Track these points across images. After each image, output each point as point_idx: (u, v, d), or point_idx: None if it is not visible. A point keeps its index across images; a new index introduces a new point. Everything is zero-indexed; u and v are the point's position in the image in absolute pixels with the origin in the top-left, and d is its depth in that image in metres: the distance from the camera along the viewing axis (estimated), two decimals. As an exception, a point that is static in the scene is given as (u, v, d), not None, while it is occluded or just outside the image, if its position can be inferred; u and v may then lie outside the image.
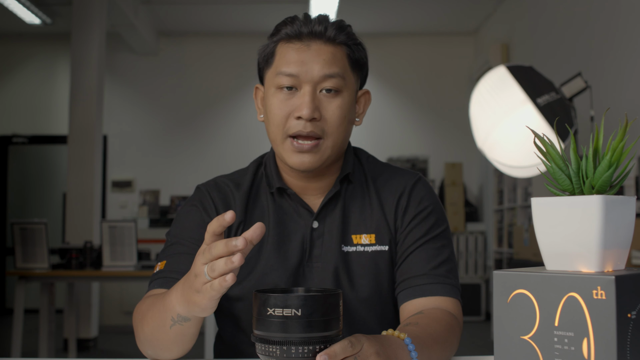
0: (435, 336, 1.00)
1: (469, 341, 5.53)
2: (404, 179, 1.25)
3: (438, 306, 1.13)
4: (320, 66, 1.13)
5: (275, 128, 1.16)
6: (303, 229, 1.20)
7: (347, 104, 1.17)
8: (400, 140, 7.44)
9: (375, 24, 7.24)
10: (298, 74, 1.13)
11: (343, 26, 1.18)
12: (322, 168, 1.19)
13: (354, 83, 1.19)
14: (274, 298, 0.75)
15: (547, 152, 0.83)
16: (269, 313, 0.75)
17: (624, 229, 0.79)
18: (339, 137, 1.16)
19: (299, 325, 0.75)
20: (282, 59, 1.15)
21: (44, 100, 7.50)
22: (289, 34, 1.16)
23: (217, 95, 7.47)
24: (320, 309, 0.76)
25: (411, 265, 1.17)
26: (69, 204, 5.45)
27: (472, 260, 6.71)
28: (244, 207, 1.22)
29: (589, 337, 0.72)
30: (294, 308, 0.75)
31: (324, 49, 1.15)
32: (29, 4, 6.12)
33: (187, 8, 6.83)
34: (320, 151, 1.15)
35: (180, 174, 7.29)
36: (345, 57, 1.17)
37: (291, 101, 1.14)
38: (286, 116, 1.15)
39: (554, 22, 5.14)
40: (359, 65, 1.20)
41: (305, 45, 1.15)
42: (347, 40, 1.18)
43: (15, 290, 4.19)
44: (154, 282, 1.16)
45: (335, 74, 1.14)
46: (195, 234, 1.19)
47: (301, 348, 0.76)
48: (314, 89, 1.14)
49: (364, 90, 1.26)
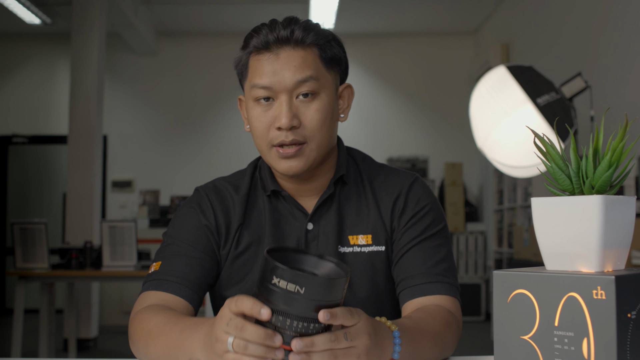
0: (425, 331, 1.00)
1: (469, 341, 5.53)
2: (401, 180, 1.25)
3: (436, 304, 1.13)
4: (291, 73, 1.13)
5: (259, 140, 1.17)
6: (298, 231, 1.21)
7: (326, 105, 1.16)
8: (400, 140, 7.43)
9: (375, 24, 7.23)
10: (271, 85, 1.13)
11: (310, 26, 1.17)
12: (311, 170, 1.19)
13: (331, 81, 1.18)
14: (282, 270, 0.75)
15: (547, 152, 0.83)
16: (274, 282, 0.75)
17: (624, 229, 0.79)
18: (322, 138, 1.16)
19: (300, 303, 0.75)
20: (254, 72, 1.15)
21: (43, 100, 7.50)
22: (257, 45, 1.15)
23: (217, 95, 7.47)
24: (324, 292, 0.76)
25: (408, 263, 1.17)
26: (69, 204, 5.45)
27: (472, 260, 6.71)
28: (243, 210, 1.23)
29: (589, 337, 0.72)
30: (299, 285, 0.74)
31: (293, 55, 1.14)
32: (29, 4, 6.12)
33: (187, 8, 6.83)
34: (305, 155, 1.15)
35: (180, 174, 7.29)
36: (318, 57, 1.16)
37: (269, 112, 1.14)
38: (267, 127, 1.15)
39: (554, 22, 5.14)
40: (334, 62, 1.19)
41: (274, 54, 1.14)
42: (317, 40, 1.16)
43: (15, 290, 4.19)
44: (148, 283, 1.16)
45: (308, 77, 1.13)
46: (192, 236, 1.19)
47: (296, 322, 0.76)
48: (289, 97, 1.13)
49: (345, 85, 1.24)
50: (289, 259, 0.82)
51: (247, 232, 1.21)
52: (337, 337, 0.79)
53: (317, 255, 0.84)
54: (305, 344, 0.77)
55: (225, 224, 1.22)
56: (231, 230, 1.21)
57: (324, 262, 0.83)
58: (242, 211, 1.22)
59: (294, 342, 0.76)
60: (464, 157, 7.28)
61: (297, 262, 0.83)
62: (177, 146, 7.42)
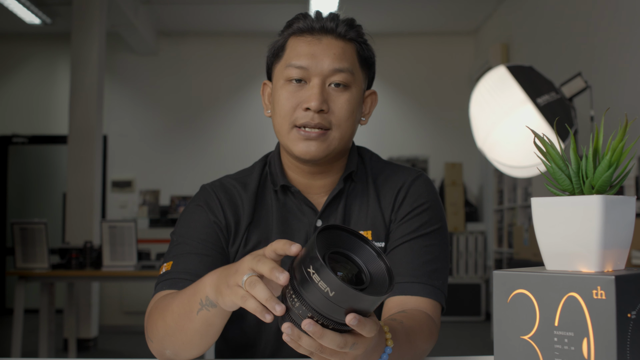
0: (412, 344, 0.99)
1: (469, 341, 5.53)
2: (404, 175, 1.25)
3: (418, 307, 1.11)
4: (330, 60, 1.14)
5: (282, 119, 1.16)
6: (306, 227, 1.20)
7: (355, 100, 1.17)
8: (400, 140, 7.44)
9: (375, 24, 7.23)
10: (308, 67, 1.14)
11: (354, 24, 1.20)
12: (326, 160, 1.18)
13: (362, 81, 1.20)
14: (319, 266, 0.72)
15: (547, 152, 0.83)
16: (308, 270, 0.73)
17: (624, 229, 0.79)
18: (346, 130, 1.16)
19: (324, 303, 0.73)
20: (292, 51, 1.16)
21: (43, 100, 7.50)
22: (301, 28, 1.17)
23: (217, 95, 7.47)
24: (352, 303, 0.74)
25: (396, 259, 1.16)
26: (69, 204, 5.45)
27: (472, 260, 6.70)
28: (252, 208, 1.22)
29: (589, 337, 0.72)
30: (329, 287, 0.72)
31: (334, 44, 1.16)
32: (29, 4, 6.12)
33: (186, 8, 6.83)
34: (328, 140, 1.15)
35: (180, 174, 7.29)
36: (355, 53, 1.18)
37: (299, 93, 1.15)
38: (294, 107, 1.15)
39: (554, 22, 5.14)
40: (367, 63, 1.21)
41: (316, 39, 1.16)
42: (357, 37, 1.19)
43: (15, 290, 4.19)
44: (161, 284, 1.14)
45: (345, 68, 1.15)
46: (201, 234, 1.18)
47: (317, 317, 0.75)
48: (323, 82, 1.14)
49: (370, 91, 1.25)
50: (346, 241, 0.80)
51: (256, 229, 1.20)
52: (346, 344, 0.77)
53: (376, 251, 0.80)
54: (315, 331, 0.75)
55: (235, 221, 1.21)
56: (240, 228, 1.20)
57: (378, 261, 0.80)
58: (251, 209, 1.21)
59: (307, 322, 0.74)
60: (464, 157, 7.28)
61: (350, 248, 0.80)
62: (177, 146, 7.42)
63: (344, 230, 0.80)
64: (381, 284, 0.78)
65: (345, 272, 0.78)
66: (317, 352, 0.78)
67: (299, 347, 0.78)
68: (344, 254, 0.79)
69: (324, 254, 0.75)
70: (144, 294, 6.08)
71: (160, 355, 1.07)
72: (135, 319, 6.15)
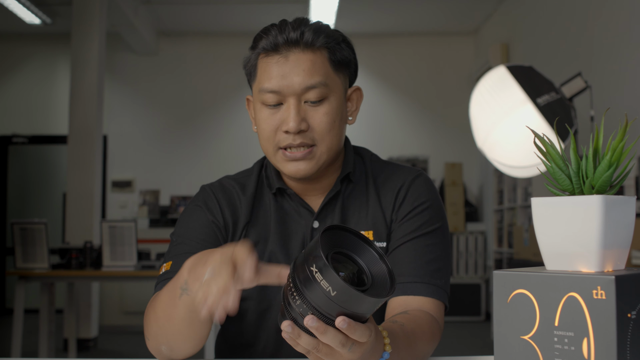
0: (412, 349, 0.98)
1: (469, 341, 5.53)
2: (404, 175, 1.24)
3: (421, 307, 1.11)
4: (301, 78, 1.11)
5: (266, 142, 1.16)
6: (304, 229, 1.20)
7: (335, 109, 1.15)
8: (400, 140, 7.44)
9: (375, 24, 7.23)
10: (280, 89, 1.12)
11: (320, 28, 1.15)
12: (319, 172, 1.18)
13: (340, 85, 1.17)
14: (323, 265, 0.72)
15: (547, 152, 0.83)
16: (311, 269, 0.73)
17: (624, 229, 0.79)
18: (332, 141, 1.15)
19: (325, 302, 0.73)
20: (263, 74, 1.14)
21: (43, 100, 7.50)
22: (266, 47, 1.14)
23: (217, 95, 7.47)
24: (353, 304, 0.74)
25: (398, 259, 1.15)
26: (69, 204, 5.45)
27: (472, 260, 6.71)
28: (250, 209, 1.22)
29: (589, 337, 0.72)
30: (332, 286, 0.72)
31: (302, 58, 1.12)
32: (29, 4, 6.12)
33: (187, 8, 6.83)
34: (315, 157, 1.15)
35: (180, 174, 7.29)
36: (327, 61, 1.14)
37: (277, 115, 1.14)
38: (274, 130, 1.14)
39: (554, 22, 5.14)
40: (343, 65, 1.18)
41: (283, 57, 1.12)
42: (327, 42, 1.14)
43: (15, 290, 4.19)
44: (161, 284, 1.14)
45: (318, 83, 1.12)
46: (200, 234, 1.19)
47: (318, 314, 0.74)
48: (297, 100, 1.13)
49: (354, 88, 1.23)
50: (349, 242, 0.80)
51: (253, 230, 1.21)
52: (345, 344, 0.77)
53: (378, 253, 0.80)
54: (319, 327, 0.75)
55: (233, 221, 1.21)
56: (238, 228, 1.21)
57: (380, 263, 0.80)
58: (249, 210, 1.22)
59: (309, 317, 0.75)
60: (464, 157, 7.28)
61: (353, 249, 0.80)
62: (177, 146, 7.42)
63: (348, 231, 0.80)
64: (382, 286, 0.78)
65: (347, 272, 0.79)
66: (314, 350, 0.78)
67: (297, 345, 0.78)
68: (347, 254, 0.79)
69: (327, 254, 0.75)
70: (144, 294, 6.08)
71: (157, 353, 1.06)
72: (135, 319, 6.15)
